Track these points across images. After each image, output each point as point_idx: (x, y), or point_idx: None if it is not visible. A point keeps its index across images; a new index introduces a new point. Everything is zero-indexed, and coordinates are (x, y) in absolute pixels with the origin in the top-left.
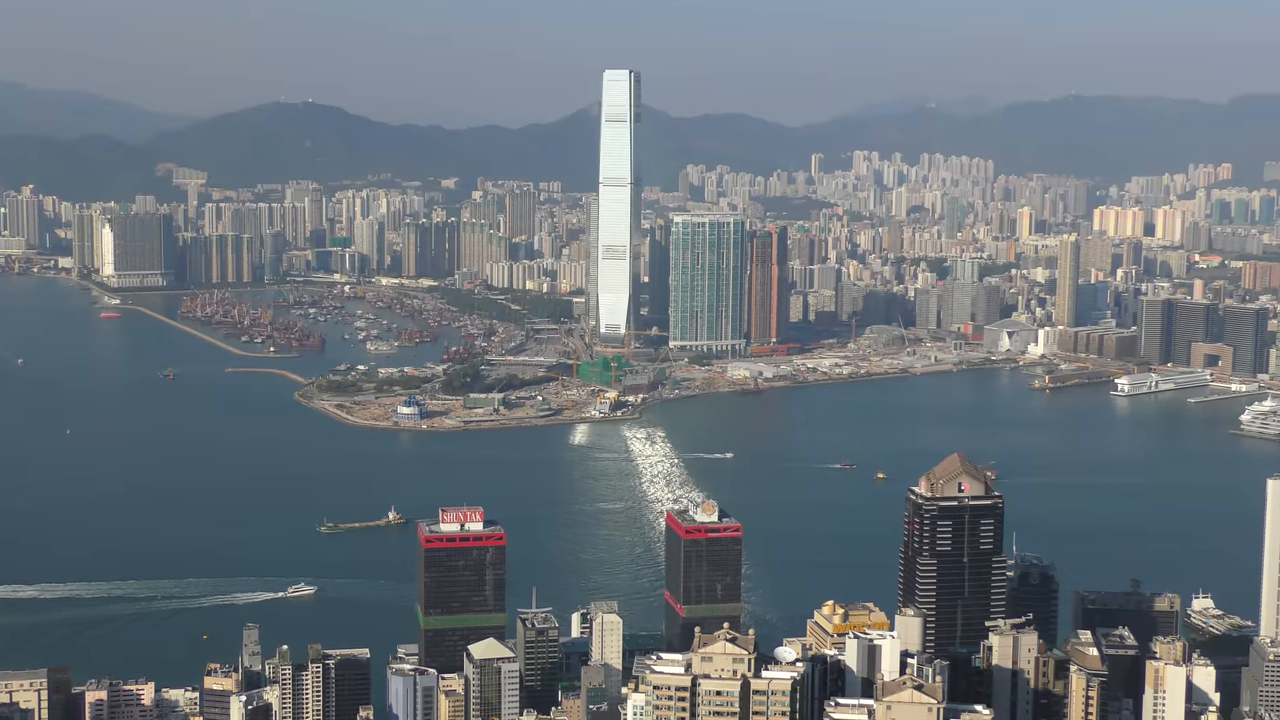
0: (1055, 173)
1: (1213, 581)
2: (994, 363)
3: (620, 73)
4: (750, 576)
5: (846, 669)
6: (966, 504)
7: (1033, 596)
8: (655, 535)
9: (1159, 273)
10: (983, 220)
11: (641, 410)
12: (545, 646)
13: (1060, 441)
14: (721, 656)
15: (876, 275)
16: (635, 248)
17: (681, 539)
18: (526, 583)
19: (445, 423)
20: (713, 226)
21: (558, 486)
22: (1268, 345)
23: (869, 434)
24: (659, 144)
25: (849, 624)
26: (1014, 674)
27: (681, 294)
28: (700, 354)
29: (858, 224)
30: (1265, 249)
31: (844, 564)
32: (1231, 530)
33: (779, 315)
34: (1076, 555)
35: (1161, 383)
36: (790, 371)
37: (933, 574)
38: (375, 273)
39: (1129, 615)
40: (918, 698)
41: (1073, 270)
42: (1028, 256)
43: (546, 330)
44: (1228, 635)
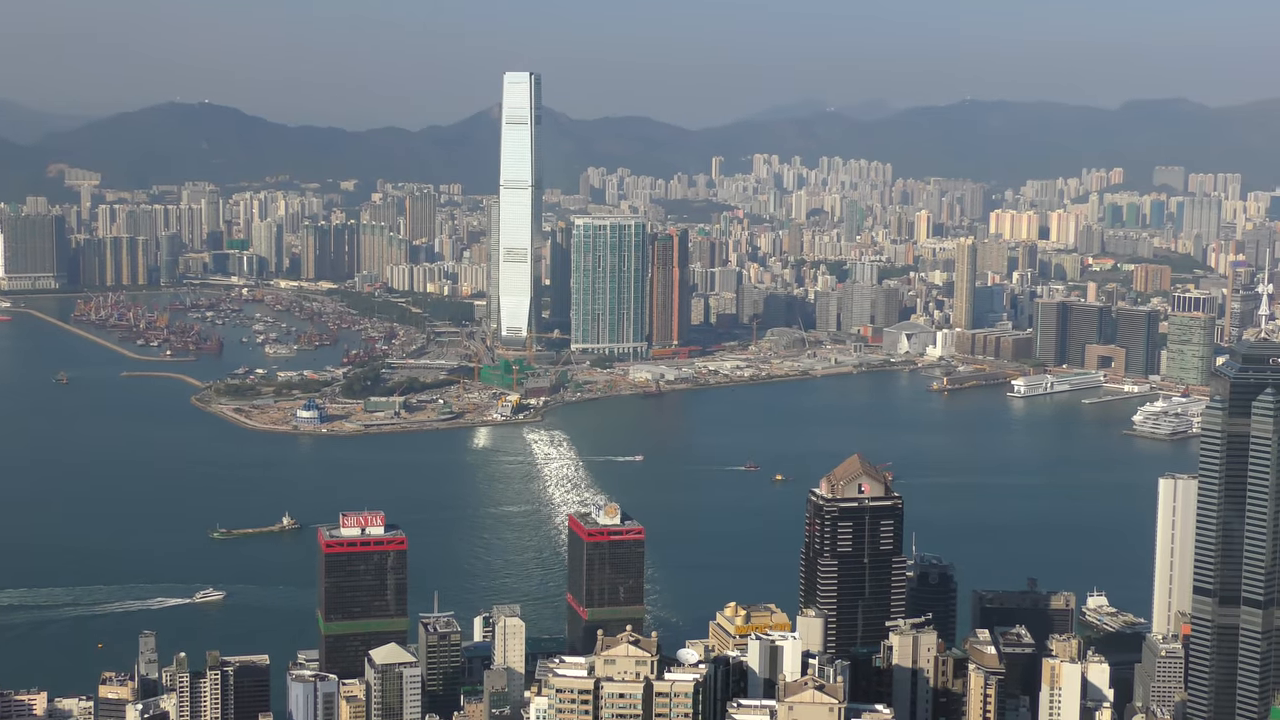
0: (952, 176)
1: (1107, 579)
2: (893, 365)
3: (520, 75)
4: (653, 579)
5: (748, 670)
6: (866, 505)
7: (932, 596)
8: (558, 538)
9: (1053, 275)
10: (881, 223)
11: (544, 413)
12: (447, 651)
13: (958, 442)
14: (624, 659)
15: (777, 278)
16: (536, 250)
17: (584, 542)
18: (428, 587)
19: (346, 426)
20: (614, 229)
21: (460, 490)
22: (1159, 347)
23: (771, 436)
24: (560, 146)
25: (751, 625)
26: (914, 673)
27: (583, 297)
28: (602, 357)
29: (758, 227)
30: (1156, 252)
31: (746, 565)
32: (1125, 529)
33: (680, 318)
34: (974, 555)
35: (1056, 384)
36: (692, 374)
37: (833, 575)
38: (274, 275)
39: (1026, 614)
40: (819, 698)
41: (970, 273)
42: (926, 259)
43: (448, 333)
44: (1121, 632)
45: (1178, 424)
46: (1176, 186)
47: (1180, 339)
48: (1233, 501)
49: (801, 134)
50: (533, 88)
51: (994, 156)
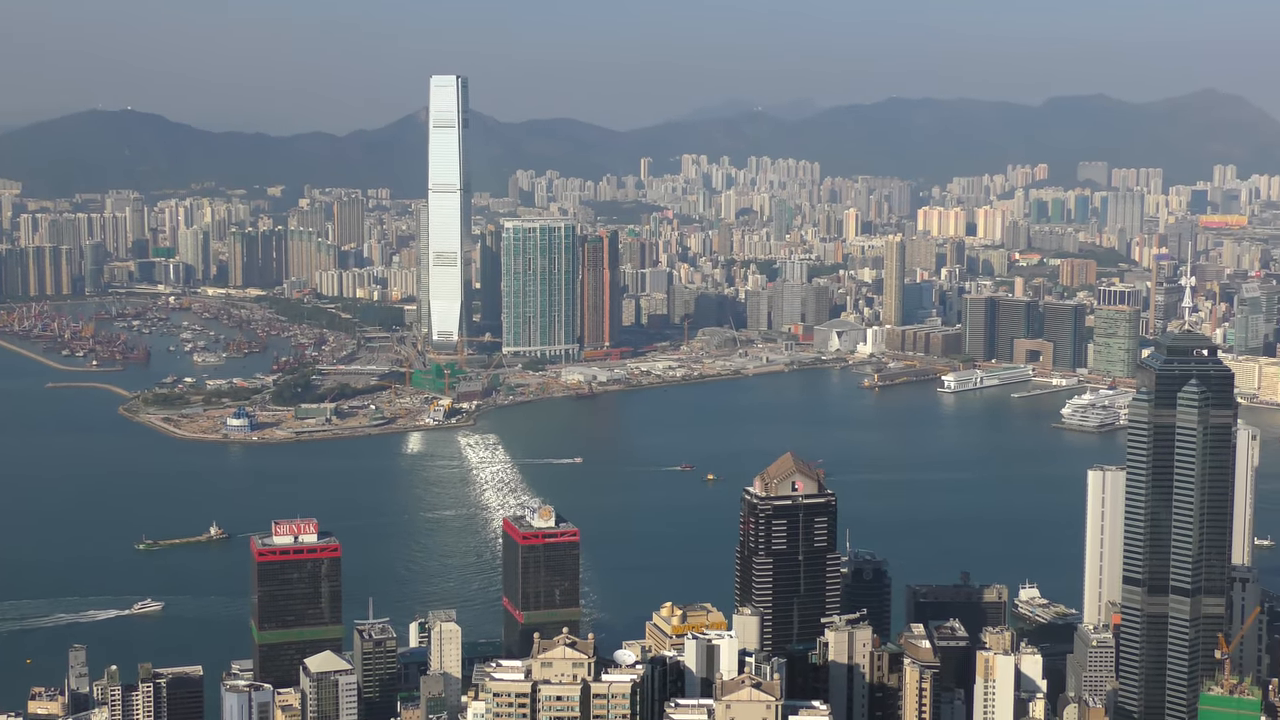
0: (879, 174)
1: (1038, 572)
2: (824, 362)
3: (447, 78)
4: (588, 580)
5: (686, 669)
6: (800, 503)
7: (866, 592)
8: (492, 542)
9: (981, 271)
10: (810, 222)
11: (476, 417)
12: (383, 657)
13: (890, 438)
14: (561, 661)
15: (707, 278)
16: (466, 254)
17: (519, 545)
18: (363, 594)
19: (276, 434)
20: (543, 231)
21: (393, 496)
22: (1086, 340)
23: (704, 435)
24: (488, 149)
25: (687, 625)
26: (850, 669)
27: (514, 300)
28: (534, 359)
29: (688, 227)
30: (1081, 246)
31: (681, 565)
32: (1055, 521)
33: (611, 319)
34: (908, 550)
35: (986, 379)
36: (624, 375)
37: (769, 573)
38: (201, 283)
39: (959, 607)
40: (756, 696)
41: (898, 270)
42: (855, 257)
43: (378, 338)
44: (1053, 623)
45: (1105, 416)
46: (1100, 181)
47: (1106, 332)
48: (1160, 492)
49: (729, 134)
50: (460, 91)
51: (920, 154)
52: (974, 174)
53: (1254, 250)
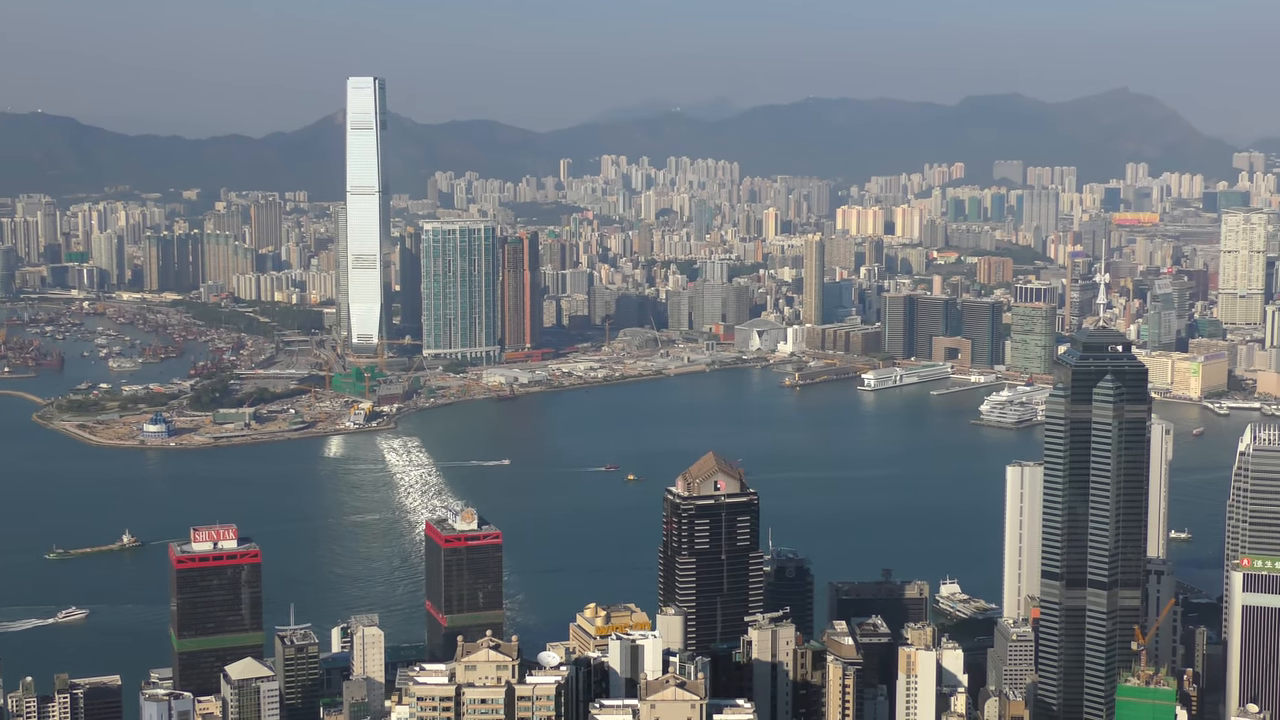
0: (798, 174)
1: (958, 567)
2: (745, 362)
3: (364, 80)
4: (512, 583)
5: (610, 670)
6: (723, 502)
7: (789, 590)
8: (414, 545)
9: (900, 269)
10: (730, 222)
11: (397, 420)
12: (305, 663)
13: (811, 437)
14: (485, 664)
15: (628, 278)
16: (385, 256)
17: (441, 548)
18: (284, 599)
19: (194, 439)
20: (463, 233)
21: (314, 500)
22: (1003, 337)
23: (627, 436)
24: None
25: (611, 625)
26: (773, 667)
27: (434, 302)
28: (455, 361)
29: (608, 228)
30: (998, 244)
31: (605, 566)
32: (974, 517)
33: (532, 320)
34: (830, 548)
35: (905, 376)
36: (546, 376)
37: (692, 572)
38: (115, 288)
39: (881, 604)
40: (680, 695)
41: (818, 269)
42: (774, 256)
43: (297, 342)
44: (974, 618)
45: (1023, 412)
46: (1016, 180)
47: (1023, 329)
48: (1077, 487)
49: (648, 135)
50: (377, 93)
51: (838, 153)
52: (892, 173)
53: (1166, 247)
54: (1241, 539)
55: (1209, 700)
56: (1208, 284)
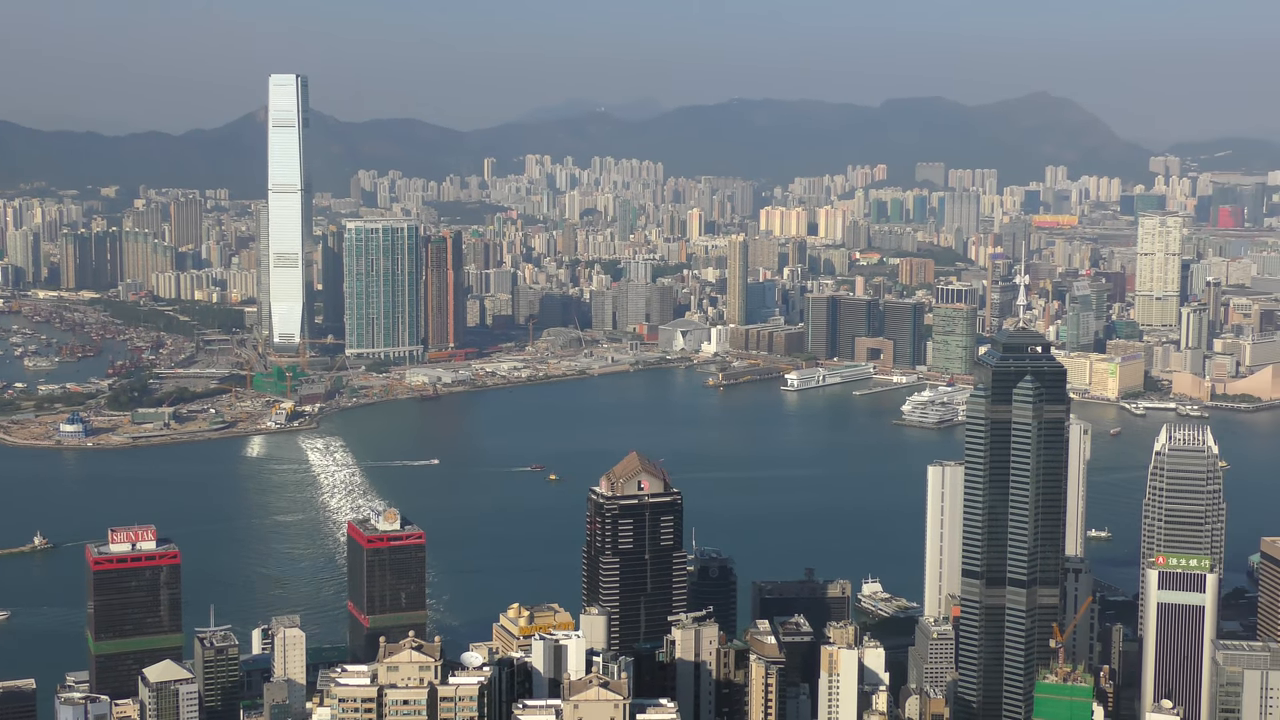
0: (722, 175)
1: (880, 566)
2: (669, 362)
3: (286, 77)
4: (435, 583)
5: (533, 670)
6: (646, 502)
7: (713, 589)
8: (337, 546)
9: (823, 270)
10: (654, 222)
11: (319, 420)
12: (225, 665)
13: (735, 437)
14: (407, 665)
15: (552, 278)
16: (307, 255)
17: (363, 548)
18: (204, 601)
19: (112, 439)
20: (386, 232)
21: (234, 501)
22: (925, 338)
23: (551, 436)
24: (329, 149)
25: (534, 626)
26: (696, 666)
27: (356, 301)
28: (377, 361)
29: (532, 227)
30: (919, 246)
31: (529, 566)
32: (896, 516)
33: (456, 320)
34: (753, 547)
35: (828, 377)
36: (469, 376)
37: (615, 572)
38: (31, 286)
39: (804, 603)
40: (604, 695)
41: (742, 269)
42: (698, 257)
43: (218, 341)
44: (895, 617)
45: (944, 412)
46: (937, 182)
47: (944, 330)
48: (997, 486)
49: (572, 134)
50: (299, 90)
51: (762, 154)
52: (815, 174)
53: (1084, 249)
54: (1157, 537)
55: (1125, 696)
56: (1125, 286)
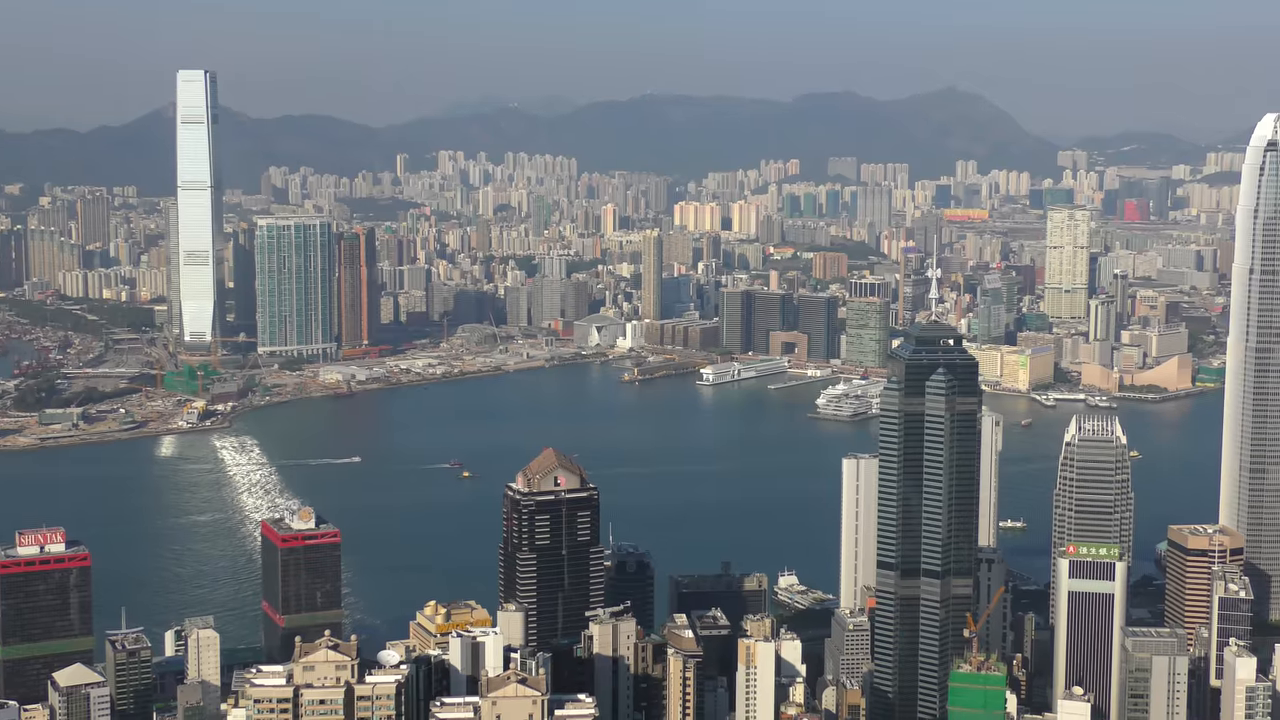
0: (636, 170)
1: (796, 559)
2: (585, 357)
3: (195, 73)
4: (351, 582)
5: (451, 668)
6: (563, 497)
7: (630, 584)
8: (250, 546)
9: (737, 265)
10: (568, 218)
11: (232, 419)
12: (137, 668)
13: (651, 432)
14: (324, 665)
15: (466, 274)
16: (218, 253)
17: (278, 548)
18: (115, 603)
19: (19, 441)
20: (298, 229)
21: (145, 501)
22: (838, 332)
23: (467, 432)
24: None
25: (452, 623)
26: (614, 661)
27: (269, 299)
28: (290, 359)
29: (445, 224)
30: (833, 240)
31: (446, 564)
32: (811, 509)
33: (370, 317)
34: (670, 542)
35: (743, 371)
36: (384, 373)
37: (532, 568)
38: None
39: (721, 596)
40: (522, 691)
41: (656, 265)
42: (613, 252)
43: (127, 340)
44: (811, 609)
45: (858, 405)
46: (850, 176)
47: (858, 324)
48: (911, 478)
49: (486, 130)
50: (208, 86)
51: (676, 149)
52: (729, 169)
53: (995, 243)
54: (1068, 527)
55: (1037, 684)
56: (1034, 279)
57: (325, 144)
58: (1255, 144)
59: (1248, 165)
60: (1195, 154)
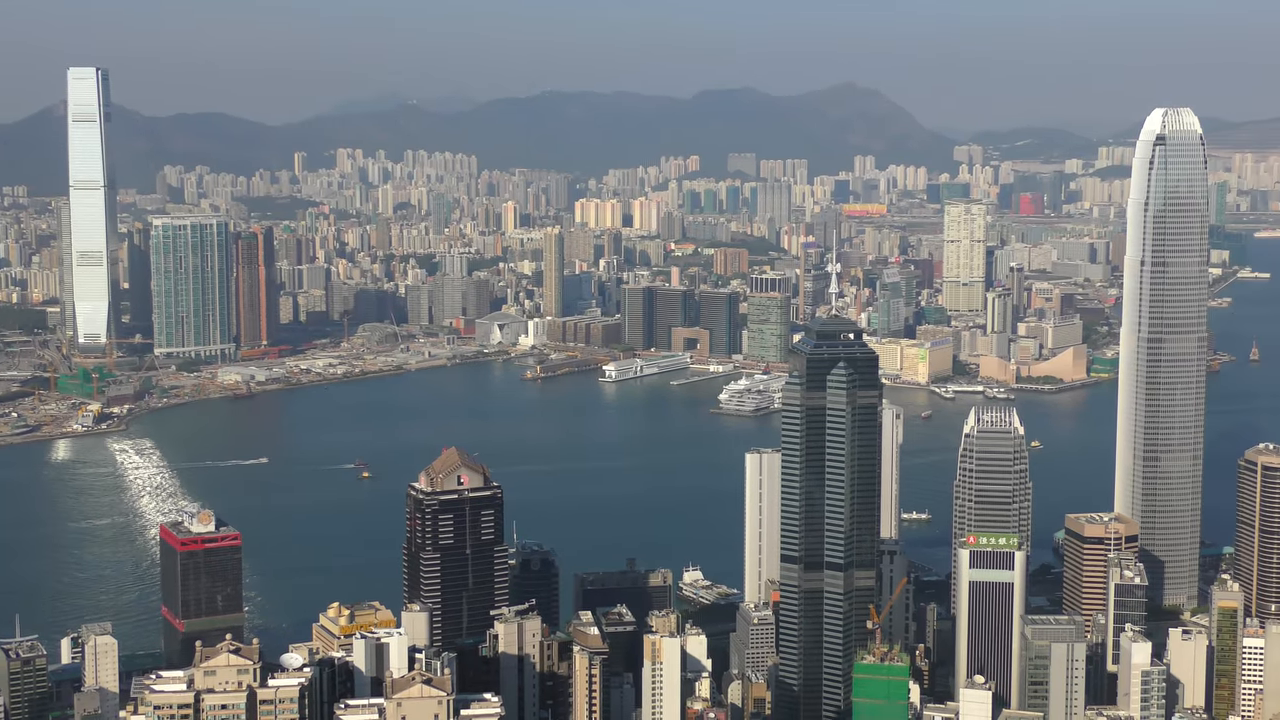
0: (536, 167)
1: (701, 554)
2: (487, 356)
3: (86, 70)
4: (252, 585)
5: (355, 670)
6: (466, 496)
7: (535, 582)
8: (149, 550)
9: (639, 261)
10: (469, 215)
11: (129, 421)
12: (33, 676)
13: (554, 429)
14: (225, 669)
15: (366, 273)
16: (113, 253)
17: (177, 551)
18: (9, 610)
19: None
20: (195, 229)
21: (39, 507)
22: (740, 327)
23: (369, 432)
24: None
25: (355, 625)
26: (520, 659)
27: (165, 299)
28: (188, 360)
29: (345, 222)
30: (733, 236)
31: (349, 565)
32: (716, 504)
33: (269, 317)
34: (575, 539)
35: (646, 367)
36: (284, 374)
37: (436, 568)
38: None
39: (626, 593)
40: (427, 692)
41: (558, 262)
42: (514, 250)
43: (19, 342)
44: (716, 604)
45: (760, 400)
46: (750, 172)
47: (759, 319)
48: (813, 472)
49: (384, 128)
50: (100, 83)
51: (577, 146)
52: (629, 166)
53: (893, 237)
54: (968, 517)
55: (940, 673)
56: (933, 272)
57: (221, 142)
58: (1145, 138)
59: (1138, 159)
60: (1087, 148)
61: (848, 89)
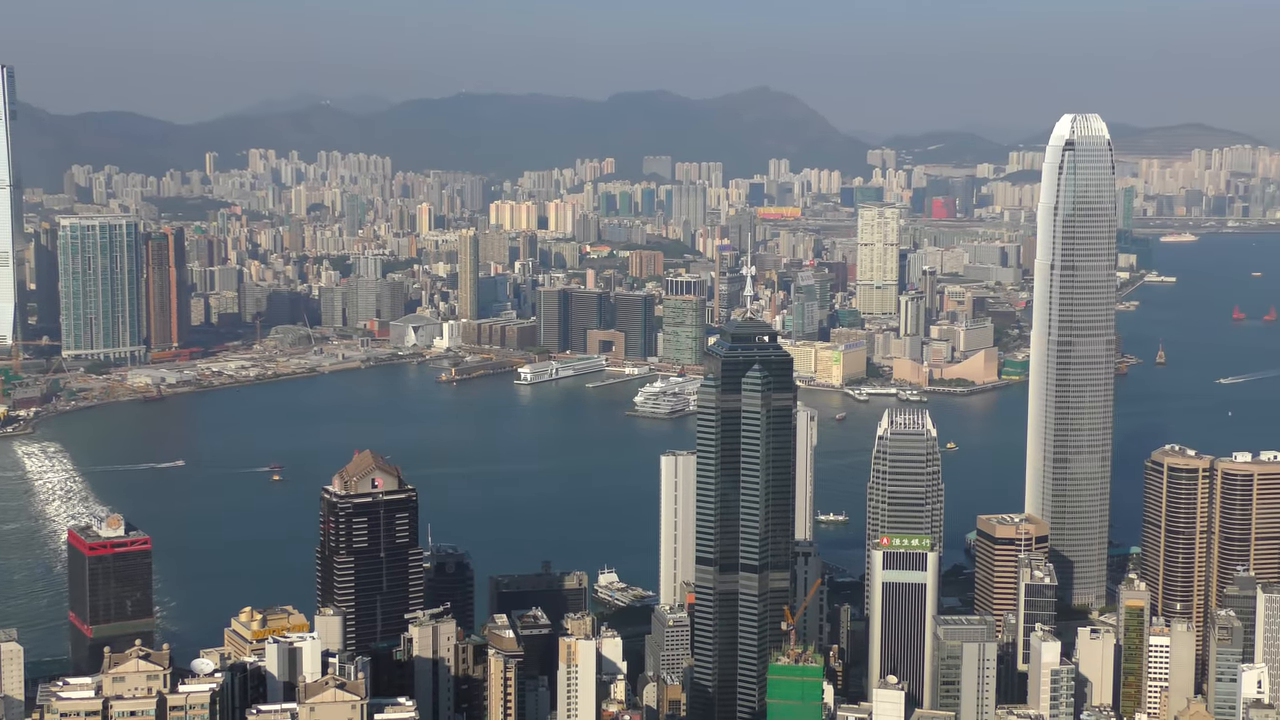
0: (451, 169)
1: (616, 557)
2: (401, 358)
3: None
4: (163, 590)
5: (267, 674)
6: (381, 499)
7: (450, 585)
8: (56, 555)
9: (554, 264)
10: (383, 217)
11: (36, 424)
12: None
13: (469, 431)
14: (135, 675)
15: (279, 275)
16: (19, 253)
17: (85, 556)
18: None
19: None
20: (104, 229)
21: None
22: (655, 329)
23: (282, 435)
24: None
25: (268, 629)
26: (435, 663)
27: (73, 301)
28: (97, 362)
29: (257, 223)
30: (649, 238)
31: (261, 569)
32: (631, 506)
33: (180, 319)
34: (490, 542)
35: (561, 370)
36: (195, 376)
37: (350, 571)
38: None
39: (541, 596)
40: (340, 696)
41: (473, 264)
42: (429, 252)
43: None
44: (632, 606)
45: (676, 403)
46: (665, 175)
47: (674, 321)
48: (728, 474)
49: (297, 128)
50: (5, 80)
51: (491, 148)
52: (544, 168)
53: (808, 240)
54: (881, 518)
55: (854, 674)
56: (847, 276)
57: (130, 141)
58: (1054, 143)
59: (1047, 164)
60: (998, 153)
61: (762, 93)
